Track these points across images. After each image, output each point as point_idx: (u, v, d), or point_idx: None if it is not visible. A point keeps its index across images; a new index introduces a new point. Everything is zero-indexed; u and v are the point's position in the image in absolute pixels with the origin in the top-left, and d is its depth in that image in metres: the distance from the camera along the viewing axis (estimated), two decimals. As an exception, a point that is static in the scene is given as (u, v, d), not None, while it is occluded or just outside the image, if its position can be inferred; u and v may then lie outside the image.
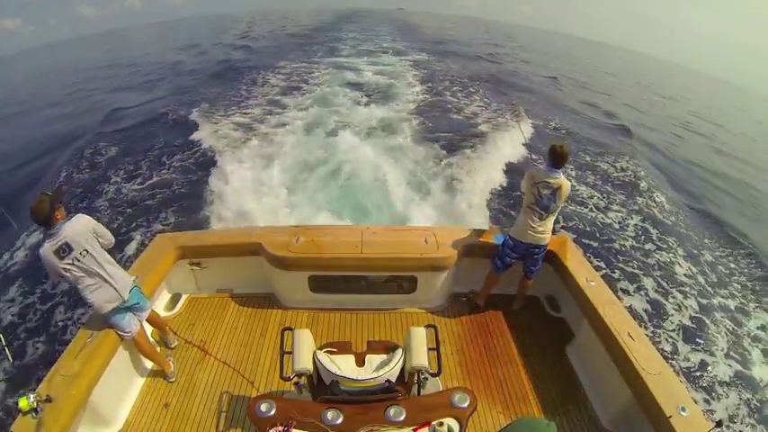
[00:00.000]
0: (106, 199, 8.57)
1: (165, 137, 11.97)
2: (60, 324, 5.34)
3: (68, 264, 2.51)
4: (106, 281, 2.66)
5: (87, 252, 2.56)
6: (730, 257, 8.29)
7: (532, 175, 3.37)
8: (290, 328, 2.47)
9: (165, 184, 9.12)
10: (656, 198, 10.08)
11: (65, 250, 2.48)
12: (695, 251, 8.07)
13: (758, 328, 6.27)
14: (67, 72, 31.74)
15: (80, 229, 2.54)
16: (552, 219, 3.44)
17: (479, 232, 3.94)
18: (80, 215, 2.62)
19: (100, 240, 2.68)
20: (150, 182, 9.24)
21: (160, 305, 3.79)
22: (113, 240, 2.82)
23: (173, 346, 3.47)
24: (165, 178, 9.39)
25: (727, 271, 7.78)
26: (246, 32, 46.17)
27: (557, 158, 3.26)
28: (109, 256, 2.76)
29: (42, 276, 6.25)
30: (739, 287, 7.28)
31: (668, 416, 2.31)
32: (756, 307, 6.80)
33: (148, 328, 3.41)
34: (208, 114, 13.36)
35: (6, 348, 2.44)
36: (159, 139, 11.90)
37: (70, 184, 9.33)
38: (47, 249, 2.46)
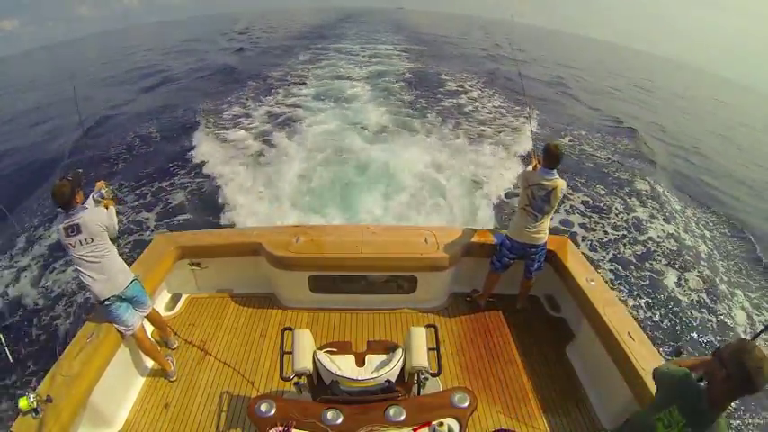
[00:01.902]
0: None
1: (165, 137, 11.97)
2: (60, 324, 5.34)
3: (71, 244, 2.65)
4: (101, 270, 2.74)
5: (92, 241, 2.68)
6: (734, 258, 8.29)
7: (526, 177, 3.36)
8: (290, 328, 2.47)
9: (165, 183, 9.12)
10: (658, 197, 10.08)
11: (74, 230, 2.63)
12: (697, 251, 8.07)
13: (759, 327, 6.27)
14: (64, 73, 31.65)
15: (93, 219, 2.68)
16: (548, 219, 3.43)
17: (479, 232, 3.95)
18: (100, 208, 2.78)
19: (109, 231, 2.78)
20: (149, 182, 9.24)
21: (160, 305, 3.79)
22: (116, 230, 2.91)
23: (174, 346, 3.47)
24: (165, 178, 9.39)
25: (729, 269, 7.78)
26: (246, 32, 46.23)
27: (551, 159, 3.23)
28: (114, 249, 2.84)
29: (41, 276, 6.27)
30: (741, 287, 7.28)
31: None
32: (759, 307, 6.80)
33: (149, 329, 3.41)
34: (207, 114, 13.39)
35: (6, 348, 2.44)
36: (159, 139, 11.93)
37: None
38: (62, 225, 2.66)
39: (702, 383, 1.63)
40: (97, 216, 2.71)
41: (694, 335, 5.81)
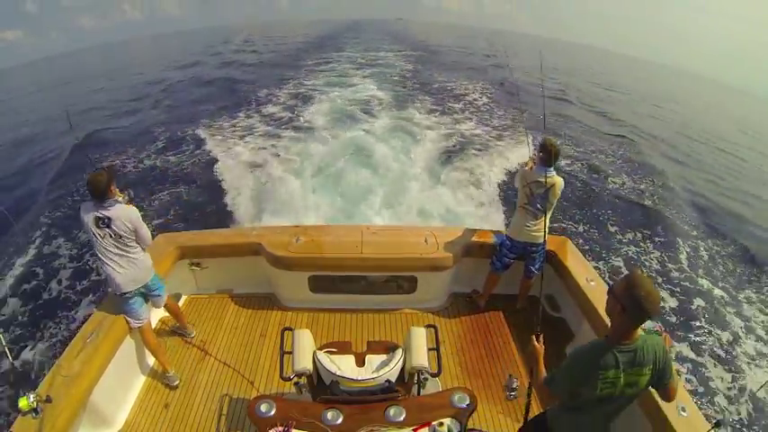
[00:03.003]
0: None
1: (166, 139, 11.99)
2: (60, 324, 5.34)
3: (99, 234, 2.66)
4: (125, 264, 2.77)
5: (121, 237, 2.70)
6: (731, 256, 8.28)
7: (524, 175, 3.36)
8: (290, 328, 2.47)
9: (166, 184, 9.13)
10: (658, 198, 10.09)
11: (104, 222, 2.64)
12: (697, 250, 8.07)
13: (759, 327, 6.27)
14: (68, 83, 31.63)
15: (125, 217, 2.68)
16: (548, 217, 3.42)
17: (479, 232, 3.95)
18: (133, 208, 2.77)
19: (137, 236, 2.79)
20: (150, 182, 9.25)
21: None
22: (149, 243, 2.92)
23: (191, 335, 3.54)
24: (166, 179, 9.40)
25: (728, 268, 7.78)
26: (248, 43, 46.03)
27: (548, 157, 3.23)
28: (141, 249, 2.87)
29: (42, 276, 6.27)
30: (740, 286, 7.27)
31: (668, 416, 2.31)
32: (757, 306, 6.79)
33: (155, 322, 3.51)
34: (210, 118, 13.41)
35: (6, 348, 2.44)
36: (159, 141, 11.93)
37: (71, 187, 9.34)
38: (91, 213, 2.63)
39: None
40: (129, 214, 2.70)
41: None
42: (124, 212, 2.69)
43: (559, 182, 3.28)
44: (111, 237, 2.68)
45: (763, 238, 9.31)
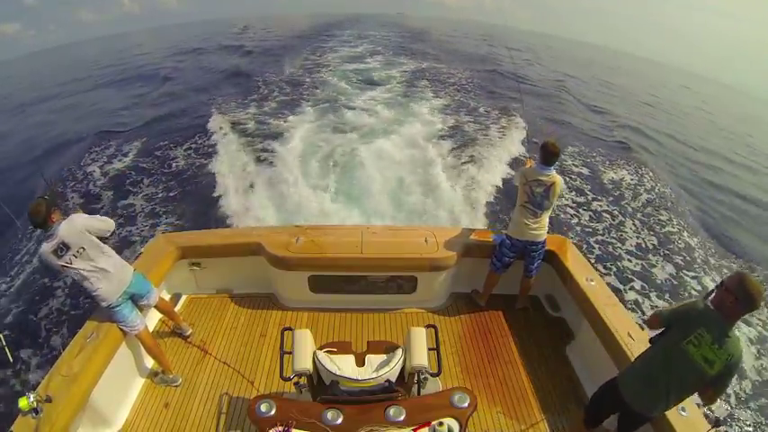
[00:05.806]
0: (107, 200, 8.58)
1: (167, 140, 11.96)
2: (60, 324, 5.34)
3: (66, 262, 2.60)
4: (105, 273, 2.72)
5: (84, 249, 2.63)
6: (732, 257, 8.29)
7: (524, 174, 3.38)
8: (290, 328, 2.47)
9: (166, 184, 9.13)
10: (657, 197, 10.09)
11: (62, 249, 2.57)
12: (695, 249, 8.07)
13: (758, 327, 6.27)
14: (69, 76, 31.67)
15: (75, 229, 2.61)
16: (547, 215, 3.45)
17: (478, 232, 3.95)
18: (74, 215, 2.68)
19: (97, 232, 2.72)
20: (152, 183, 9.25)
21: None
22: (112, 224, 2.84)
23: (187, 333, 3.52)
24: (166, 179, 9.40)
25: (726, 269, 7.77)
26: (248, 34, 46.11)
27: (548, 156, 3.27)
28: (108, 248, 2.80)
29: (42, 276, 6.26)
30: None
31: (668, 416, 2.31)
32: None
33: (154, 324, 3.50)
34: (212, 113, 13.38)
35: (6, 348, 2.44)
36: (159, 141, 11.90)
37: (73, 183, 9.34)
38: (45, 249, 2.57)
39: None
40: (74, 224, 2.61)
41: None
42: (71, 227, 2.58)
43: (559, 181, 3.31)
44: (76, 257, 2.59)
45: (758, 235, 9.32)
